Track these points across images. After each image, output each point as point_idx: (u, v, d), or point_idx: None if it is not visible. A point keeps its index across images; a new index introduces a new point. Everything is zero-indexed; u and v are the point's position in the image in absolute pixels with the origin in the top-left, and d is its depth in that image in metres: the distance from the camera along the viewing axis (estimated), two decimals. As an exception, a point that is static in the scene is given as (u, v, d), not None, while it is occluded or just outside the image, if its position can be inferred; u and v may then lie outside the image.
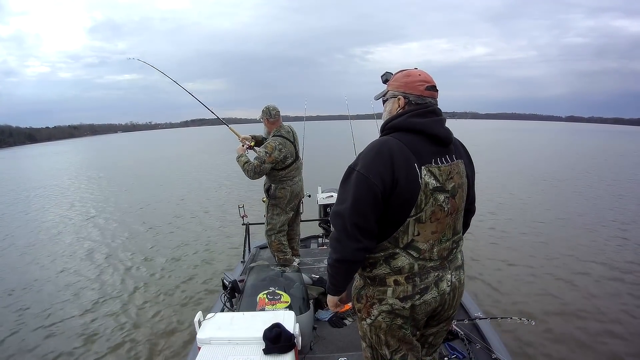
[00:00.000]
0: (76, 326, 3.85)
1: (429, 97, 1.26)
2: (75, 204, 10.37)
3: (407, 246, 1.19)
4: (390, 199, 1.15)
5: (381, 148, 1.17)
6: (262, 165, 2.84)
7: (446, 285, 1.24)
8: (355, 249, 1.16)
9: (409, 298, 1.21)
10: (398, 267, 1.21)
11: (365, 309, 1.29)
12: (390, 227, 1.19)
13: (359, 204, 1.14)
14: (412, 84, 1.26)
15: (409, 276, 1.21)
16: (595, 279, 4.48)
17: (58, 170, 20.08)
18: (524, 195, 9.39)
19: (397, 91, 1.28)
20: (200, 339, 1.82)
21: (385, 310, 1.24)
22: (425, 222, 1.18)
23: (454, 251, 1.30)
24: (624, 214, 7.41)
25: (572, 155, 19.62)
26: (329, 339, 2.31)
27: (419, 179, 1.16)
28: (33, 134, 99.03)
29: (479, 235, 6.04)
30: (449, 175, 1.22)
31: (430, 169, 1.18)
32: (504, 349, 2.06)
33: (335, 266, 1.23)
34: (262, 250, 3.80)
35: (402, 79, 1.28)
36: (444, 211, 1.21)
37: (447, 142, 1.24)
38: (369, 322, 1.29)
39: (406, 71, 1.30)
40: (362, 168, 1.16)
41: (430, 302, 1.23)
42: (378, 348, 1.33)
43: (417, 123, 1.21)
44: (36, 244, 6.91)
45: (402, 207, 1.16)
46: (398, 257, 1.20)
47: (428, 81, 1.26)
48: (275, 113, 3.01)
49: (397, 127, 1.23)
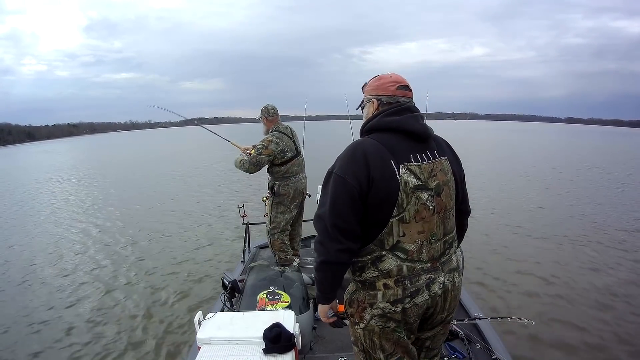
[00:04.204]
0: (75, 326, 3.84)
1: (401, 96, 1.28)
2: (70, 199, 10.36)
3: (393, 248, 1.18)
4: (368, 198, 1.16)
5: (356, 149, 1.19)
6: (258, 156, 2.89)
7: (438, 288, 1.22)
8: (337, 250, 1.16)
9: (399, 302, 1.20)
10: (386, 270, 1.19)
11: (357, 313, 1.28)
12: (374, 229, 1.18)
13: (338, 206, 1.16)
14: (382, 86, 1.29)
15: (398, 279, 1.19)
16: (596, 279, 4.48)
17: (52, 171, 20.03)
18: (524, 195, 9.40)
19: (370, 95, 1.32)
20: (200, 338, 1.81)
21: (377, 315, 1.23)
22: (409, 222, 1.17)
23: (447, 252, 1.27)
24: (632, 213, 7.42)
25: (573, 155, 19.65)
26: (329, 338, 2.32)
27: (397, 176, 1.15)
28: (32, 132, 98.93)
29: (479, 235, 6.05)
30: (431, 172, 1.21)
31: (409, 167, 1.17)
32: (504, 349, 2.06)
33: (321, 269, 1.23)
34: (262, 250, 3.81)
35: (374, 83, 1.32)
36: (429, 210, 1.20)
37: (424, 137, 1.24)
38: (362, 326, 1.28)
39: (378, 76, 1.33)
40: (338, 170, 1.18)
41: (422, 304, 1.22)
42: (372, 352, 1.31)
43: (391, 121, 1.22)
44: (37, 243, 6.92)
45: (382, 206, 1.16)
46: (385, 259, 1.19)
47: (399, 81, 1.28)
48: (273, 112, 3.10)
49: (373, 128, 1.25)
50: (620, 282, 4.38)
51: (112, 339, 3.57)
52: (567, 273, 4.67)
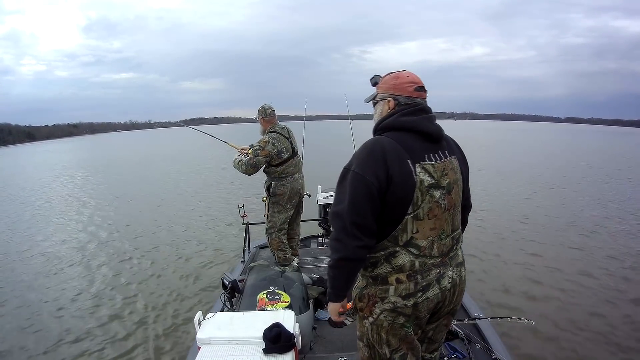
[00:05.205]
0: (75, 326, 3.84)
1: (417, 97, 1.29)
2: (68, 199, 10.36)
3: (406, 244, 1.21)
4: (386, 196, 1.17)
5: (374, 147, 1.21)
6: (255, 158, 2.88)
7: (447, 282, 1.27)
8: (356, 247, 1.17)
9: (411, 296, 1.23)
10: (399, 265, 1.22)
11: (367, 307, 1.30)
12: (389, 226, 1.21)
13: (357, 203, 1.17)
14: (400, 86, 1.29)
15: (410, 274, 1.22)
16: (596, 279, 4.48)
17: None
18: (525, 195, 9.40)
19: (386, 93, 1.32)
20: (200, 338, 1.81)
21: (388, 309, 1.25)
22: (423, 219, 1.21)
23: (455, 247, 1.31)
24: (632, 213, 7.42)
25: (574, 155, 19.64)
26: (329, 338, 2.31)
27: (413, 175, 1.18)
28: (32, 132, 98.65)
29: (479, 234, 6.05)
30: (443, 171, 1.24)
31: (424, 166, 1.20)
32: (504, 349, 2.06)
33: (337, 266, 1.23)
34: (262, 250, 3.80)
35: (391, 81, 1.32)
36: (441, 207, 1.23)
37: (438, 138, 1.28)
38: (370, 320, 1.30)
39: (395, 73, 1.33)
40: (356, 167, 1.19)
41: (433, 298, 1.25)
42: (378, 347, 1.33)
43: (407, 121, 1.24)
44: (36, 241, 6.91)
45: (399, 204, 1.18)
46: (398, 255, 1.22)
47: (416, 82, 1.30)
48: (270, 112, 3.08)
49: (388, 126, 1.27)
50: (621, 282, 4.38)
51: (113, 339, 3.57)
52: (568, 273, 4.67)
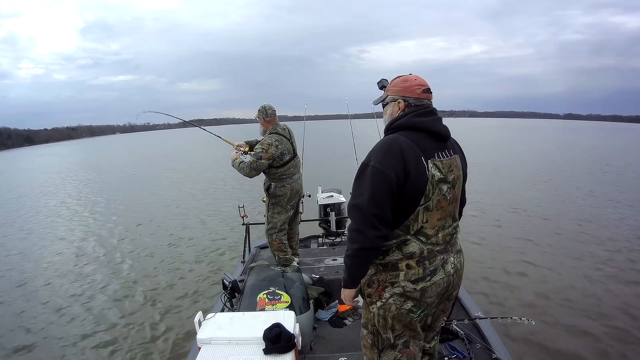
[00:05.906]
0: (75, 327, 3.84)
1: (425, 99, 1.41)
2: (66, 201, 10.36)
3: (417, 233, 1.33)
4: (403, 190, 1.29)
5: (392, 144, 1.31)
6: (258, 161, 2.84)
7: (450, 267, 1.39)
8: (375, 237, 1.27)
9: (420, 280, 1.33)
10: (410, 253, 1.33)
11: (376, 292, 1.39)
12: (402, 216, 1.32)
13: (377, 196, 1.26)
14: (410, 88, 1.41)
15: (419, 260, 1.33)
16: (597, 279, 4.48)
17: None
18: (525, 194, 9.39)
19: (396, 95, 1.43)
20: (200, 339, 1.82)
21: (397, 293, 1.35)
22: (432, 210, 1.33)
23: (454, 236, 1.45)
24: (632, 213, 7.42)
25: (574, 153, 19.63)
26: (329, 339, 2.32)
27: (427, 171, 1.30)
28: (31, 136, 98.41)
29: (479, 234, 6.05)
30: (449, 168, 1.37)
31: (435, 162, 1.33)
32: (504, 349, 2.06)
33: (356, 255, 1.32)
34: (262, 250, 3.79)
35: (401, 84, 1.43)
36: (447, 200, 1.36)
37: (446, 138, 1.41)
38: (379, 305, 1.38)
39: (403, 77, 1.45)
40: (376, 163, 1.29)
41: (440, 282, 1.36)
42: (382, 332, 1.41)
43: (420, 122, 1.36)
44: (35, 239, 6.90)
45: (413, 196, 1.30)
46: (409, 243, 1.33)
47: (424, 85, 1.42)
48: (271, 112, 3.04)
49: (401, 126, 1.38)
50: (621, 282, 4.38)
51: (112, 338, 3.58)
52: (568, 273, 4.67)
